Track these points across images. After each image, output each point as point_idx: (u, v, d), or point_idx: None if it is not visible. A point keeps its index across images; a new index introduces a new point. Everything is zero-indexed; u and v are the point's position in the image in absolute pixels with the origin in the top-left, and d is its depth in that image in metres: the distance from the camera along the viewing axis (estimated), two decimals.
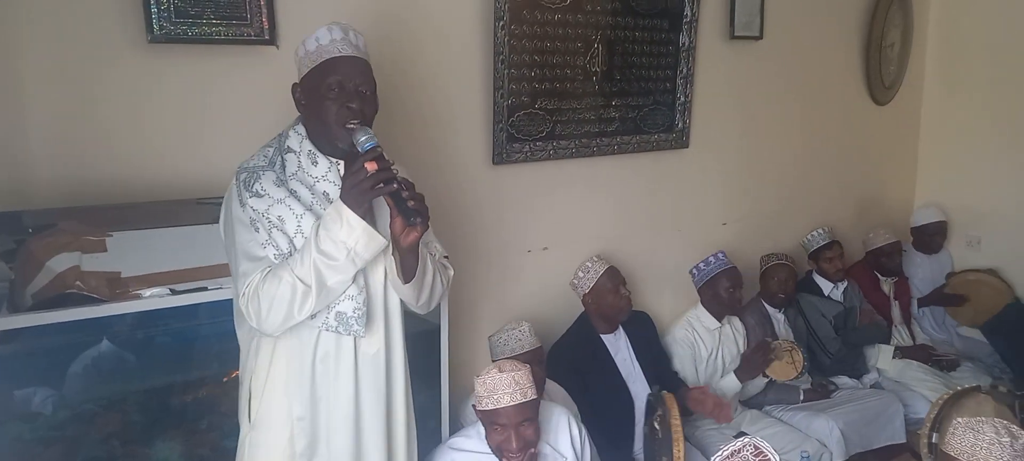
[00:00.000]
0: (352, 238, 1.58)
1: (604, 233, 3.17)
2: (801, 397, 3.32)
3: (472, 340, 2.82)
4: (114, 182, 2.06)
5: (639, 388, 2.88)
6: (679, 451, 2.51)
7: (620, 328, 2.95)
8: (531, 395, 2.00)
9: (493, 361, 2.60)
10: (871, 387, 3.61)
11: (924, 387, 3.53)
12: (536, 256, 3.00)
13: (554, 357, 2.83)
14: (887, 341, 3.75)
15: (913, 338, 3.94)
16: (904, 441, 3.34)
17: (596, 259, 2.92)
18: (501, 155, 2.75)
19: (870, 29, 4.04)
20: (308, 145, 1.71)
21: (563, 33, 2.79)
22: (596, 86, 2.96)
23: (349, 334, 1.70)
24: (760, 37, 3.46)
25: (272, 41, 2.20)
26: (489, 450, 2.09)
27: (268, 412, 1.72)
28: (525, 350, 2.55)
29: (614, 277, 2.88)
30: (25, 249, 1.81)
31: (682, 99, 3.24)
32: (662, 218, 3.38)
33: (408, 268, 1.71)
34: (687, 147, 3.35)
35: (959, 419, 1.82)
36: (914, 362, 3.68)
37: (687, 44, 3.17)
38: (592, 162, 3.05)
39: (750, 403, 3.31)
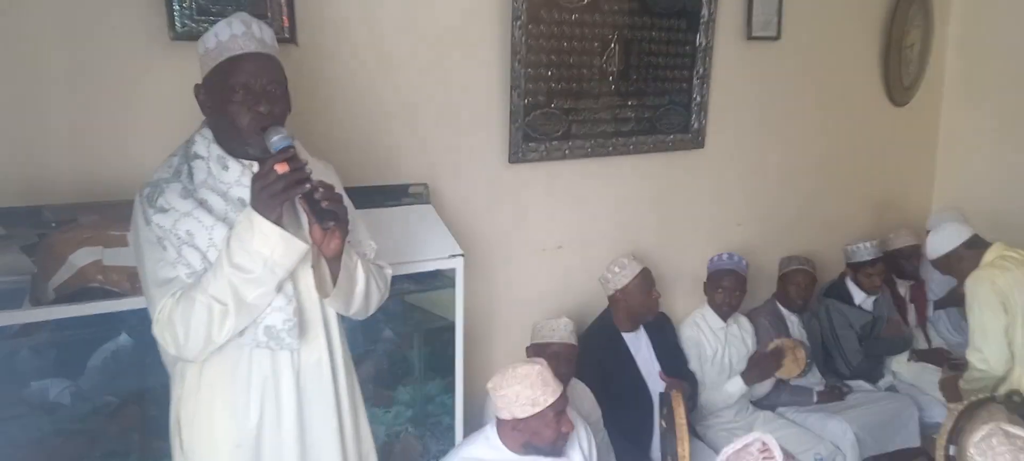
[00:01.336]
0: (267, 247, 1.44)
1: (619, 233, 3.17)
2: (815, 399, 3.31)
3: (486, 337, 2.83)
4: (136, 178, 2.06)
5: (658, 387, 2.88)
6: (684, 450, 2.51)
7: (641, 327, 2.96)
8: (559, 382, 2.08)
9: (533, 342, 2.63)
10: (886, 390, 3.59)
11: (939, 391, 3.50)
12: (550, 255, 3.00)
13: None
14: (909, 349, 3.72)
15: (929, 341, 3.90)
16: (919, 445, 3.33)
17: (632, 258, 2.92)
18: (517, 154, 2.75)
19: (890, 29, 4.01)
20: (216, 149, 1.56)
21: (580, 33, 2.79)
22: (612, 86, 2.95)
23: (282, 349, 1.56)
24: (778, 37, 3.44)
25: (293, 39, 2.21)
26: (505, 456, 2.10)
27: (202, 442, 1.58)
28: (561, 341, 2.57)
29: (647, 279, 2.88)
30: (47, 243, 1.84)
31: (698, 99, 3.23)
32: (677, 218, 3.37)
33: (334, 277, 1.58)
34: (703, 147, 3.34)
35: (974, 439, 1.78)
36: (930, 365, 3.65)
37: (704, 44, 3.16)
38: (608, 162, 3.05)
39: (763, 404, 3.30)
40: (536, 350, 2.61)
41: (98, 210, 1.95)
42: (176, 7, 2.01)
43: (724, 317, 3.21)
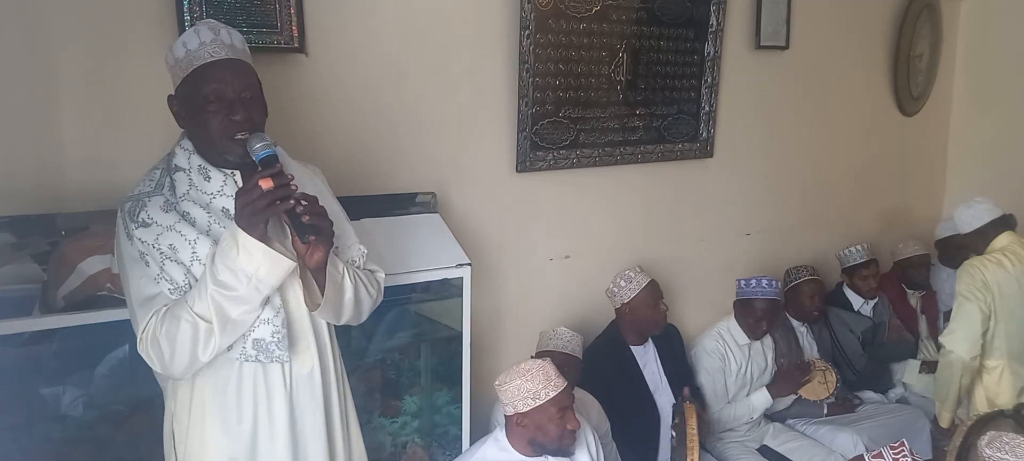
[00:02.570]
0: (252, 264, 1.41)
1: (627, 242, 3.16)
2: (825, 411, 3.29)
3: (494, 347, 2.82)
4: None
5: (665, 400, 2.86)
6: (694, 459, 2.50)
7: (649, 340, 2.93)
8: (564, 379, 2.10)
9: (538, 351, 2.63)
10: (896, 402, 3.57)
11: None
12: (558, 264, 3.00)
13: (582, 365, 2.83)
14: (914, 356, 3.70)
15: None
16: (930, 457, 3.29)
17: (638, 270, 2.87)
18: (525, 163, 2.75)
19: (898, 39, 4.00)
20: (197, 159, 1.54)
21: (588, 42, 2.79)
22: (620, 95, 2.96)
23: (272, 361, 1.54)
24: (786, 47, 3.44)
25: (301, 49, 2.22)
26: (516, 456, 2.10)
27: (198, 458, 1.56)
28: (565, 351, 2.56)
29: (654, 291, 2.84)
30: (58, 251, 1.85)
31: (707, 109, 3.23)
32: (685, 228, 3.36)
33: (320, 288, 1.55)
34: (711, 157, 3.33)
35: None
36: None
37: (712, 53, 3.16)
38: (615, 171, 3.05)
39: (773, 416, 3.27)
40: (539, 358, 2.61)
41: (109, 218, 1.95)
42: (186, 18, 2.03)
43: (754, 338, 3.16)
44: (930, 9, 4.08)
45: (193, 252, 1.47)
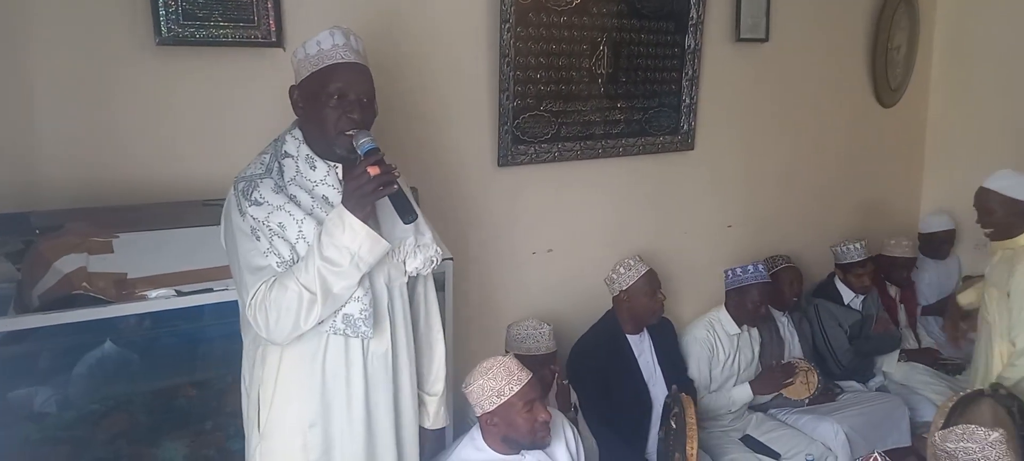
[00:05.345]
0: (355, 243, 1.57)
1: (609, 236, 3.17)
2: (806, 400, 3.31)
3: (476, 342, 2.81)
4: (122, 184, 2.07)
5: (659, 391, 2.89)
6: (692, 448, 2.52)
7: (645, 330, 2.95)
8: (527, 372, 2.09)
9: (505, 352, 2.62)
10: (876, 390, 3.60)
11: (930, 390, 3.52)
12: (541, 258, 3.00)
13: (578, 353, 2.86)
14: (898, 349, 3.73)
15: (919, 341, 3.92)
16: (910, 444, 3.33)
17: (637, 259, 2.91)
18: (506, 157, 2.75)
19: (876, 31, 4.03)
20: (305, 149, 1.69)
21: (569, 35, 2.79)
22: (602, 88, 2.96)
23: (357, 336, 1.68)
24: (766, 39, 3.46)
25: (279, 43, 2.21)
26: (492, 455, 2.09)
27: (279, 421, 1.70)
28: (541, 352, 2.55)
29: (652, 280, 2.88)
30: (33, 250, 1.82)
31: (688, 101, 3.24)
32: (668, 220, 3.38)
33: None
34: (692, 149, 3.34)
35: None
36: (920, 365, 3.67)
37: (693, 46, 3.17)
38: (597, 164, 3.05)
39: (755, 406, 3.29)
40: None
41: (85, 216, 1.94)
42: (162, 13, 2.01)
43: (740, 324, 3.18)
44: (907, 1, 4.12)
45: (299, 231, 1.62)
